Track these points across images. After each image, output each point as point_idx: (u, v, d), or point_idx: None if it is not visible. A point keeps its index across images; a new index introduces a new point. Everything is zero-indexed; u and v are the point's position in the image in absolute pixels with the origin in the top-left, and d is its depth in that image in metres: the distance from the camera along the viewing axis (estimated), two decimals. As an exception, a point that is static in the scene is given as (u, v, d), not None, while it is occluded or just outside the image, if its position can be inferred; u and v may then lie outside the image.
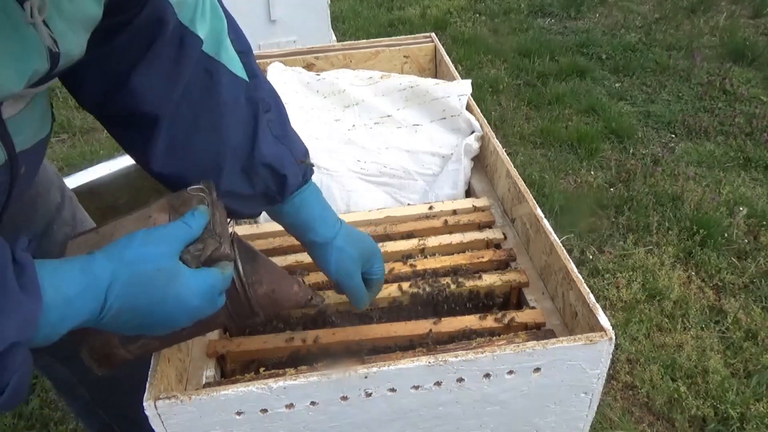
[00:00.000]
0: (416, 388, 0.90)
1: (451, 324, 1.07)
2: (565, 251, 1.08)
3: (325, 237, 0.99)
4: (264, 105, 0.92)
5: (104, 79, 0.83)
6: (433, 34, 1.98)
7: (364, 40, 1.98)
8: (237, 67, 0.89)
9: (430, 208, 1.36)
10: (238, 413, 0.88)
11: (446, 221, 1.32)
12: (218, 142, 0.89)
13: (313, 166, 1.01)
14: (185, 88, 0.85)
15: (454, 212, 1.35)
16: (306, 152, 0.99)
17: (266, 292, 0.86)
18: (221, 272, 0.76)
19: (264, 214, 1.04)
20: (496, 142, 1.42)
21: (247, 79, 0.90)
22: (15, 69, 0.65)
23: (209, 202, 0.81)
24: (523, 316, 1.08)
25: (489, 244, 1.27)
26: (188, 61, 0.84)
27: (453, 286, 1.15)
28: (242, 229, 1.35)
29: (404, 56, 1.92)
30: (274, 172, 0.93)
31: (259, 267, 0.86)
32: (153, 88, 0.83)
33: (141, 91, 0.82)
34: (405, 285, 1.16)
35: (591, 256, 2.52)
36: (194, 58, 0.85)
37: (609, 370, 1.24)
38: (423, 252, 1.26)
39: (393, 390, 0.90)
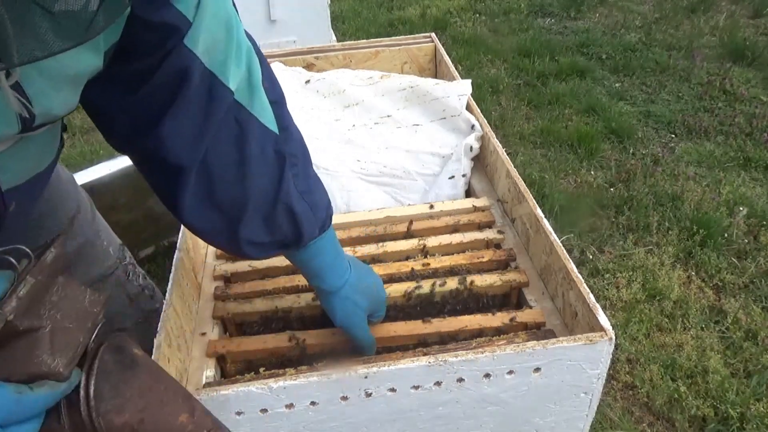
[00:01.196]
0: (416, 388, 0.90)
1: (451, 324, 1.07)
2: (565, 251, 1.08)
3: (334, 286, 0.99)
4: (292, 159, 0.89)
5: (132, 125, 0.79)
6: (433, 34, 1.98)
7: (364, 40, 1.98)
8: (268, 118, 0.86)
9: (431, 207, 1.36)
10: (238, 413, 0.88)
11: (446, 221, 1.32)
12: (242, 194, 0.86)
13: (331, 216, 0.99)
14: (213, 138, 0.81)
15: (454, 212, 1.35)
16: (328, 205, 0.97)
17: (128, 423, 0.64)
18: (16, 392, 0.56)
19: None
20: (496, 142, 1.42)
21: (277, 131, 0.87)
22: None
23: (29, 272, 0.59)
24: (523, 316, 1.08)
25: (489, 244, 1.27)
26: (217, 112, 0.79)
27: (453, 286, 1.15)
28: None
29: (404, 57, 1.92)
30: (294, 225, 0.91)
31: (128, 386, 0.65)
32: (180, 138, 0.79)
33: (168, 140, 0.78)
34: (405, 285, 1.16)
35: (591, 256, 2.52)
36: (224, 108, 0.80)
37: (609, 370, 1.24)
38: (423, 252, 1.26)
39: (393, 390, 0.90)
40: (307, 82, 1.69)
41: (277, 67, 1.75)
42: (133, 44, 0.70)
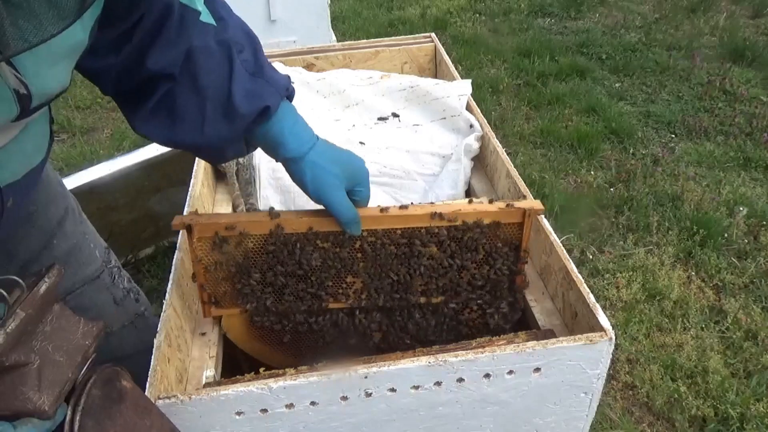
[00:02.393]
0: (416, 388, 0.90)
1: (450, 208, 1.05)
2: (565, 251, 1.08)
3: (298, 152, 0.95)
4: (236, 46, 0.91)
5: (119, 74, 0.87)
6: (433, 34, 1.98)
7: (364, 40, 1.98)
8: (205, 14, 0.89)
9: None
10: (238, 413, 0.88)
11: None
12: (198, 94, 0.89)
13: (292, 91, 0.98)
14: (183, 48, 0.87)
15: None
16: (286, 81, 0.97)
17: None
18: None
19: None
20: (496, 142, 1.42)
21: (214, 23, 0.90)
22: None
23: (20, 305, 0.58)
24: (520, 204, 1.05)
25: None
26: (188, 28, 0.87)
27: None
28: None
29: (404, 57, 1.92)
30: (252, 103, 0.90)
31: (113, 422, 0.64)
32: (162, 59, 0.86)
33: (152, 66, 0.85)
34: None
35: (591, 256, 2.52)
36: (192, 23, 0.87)
37: (609, 370, 1.24)
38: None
39: (393, 390, 0.90)
40: (308, 83, 1.69)
41: (277, 67, 1.75)
42: (113, 10, 0.76)
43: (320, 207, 1.00)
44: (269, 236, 1.02)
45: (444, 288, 1.09)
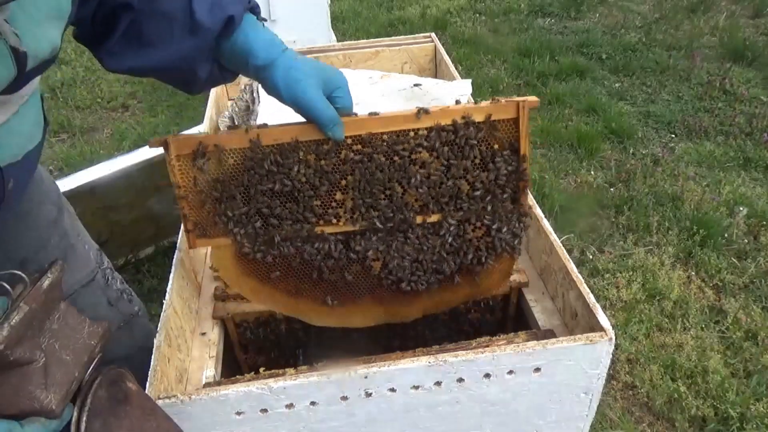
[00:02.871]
0: (416, 388, 0.90)
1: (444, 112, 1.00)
2: (565, 251, 1.08)
3: (268, 58, 0.92)
4: None
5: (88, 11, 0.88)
6: (433, 34, 1.98)
7: (364, 40, 1.98)
8: None
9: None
10: (238, 413, 0.88)
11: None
12: (161, 17, 0.88)
13: (257, 7, 0.96)
14: None
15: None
16: None
17: None
18: (6, 429, 0.55)
19: None
20: (496, 142, 1.42)
21: None
22: None
23: (23, 299, 0.57)
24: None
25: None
26: None
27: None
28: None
29: (404, 57, 1.92)
30: (215, 16, 0.89)
31: (120, 422, 0.64)
32: None
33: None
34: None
35: (591, 256, 2.52)
36: None
37: (609, 370, 1.24)
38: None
39: (393, 390, 0.90)
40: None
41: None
42: None
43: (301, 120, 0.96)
44: (249, 150, 0.96)
45: (442, 202, 1.01)
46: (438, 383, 0.90)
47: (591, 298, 0.97)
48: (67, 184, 2.07)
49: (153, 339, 1.39)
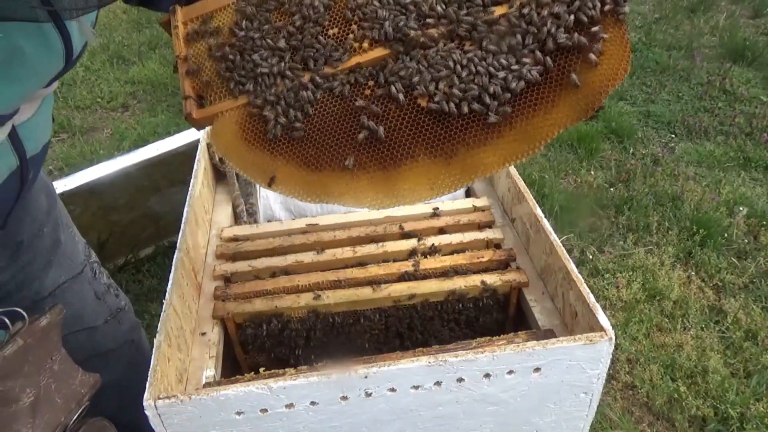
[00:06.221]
0: (416, 388, 0.90)
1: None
2: (565, 251, 1.08)
3: None
4: None
5: None
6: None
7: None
8: None
9: (431, 207, 1.36)
10: (238, 413, 0.88)
11: (446, 221, 1.32)
12: None
13: None
14: None
15: (454, 212, 1.35)
16: None
17: None
18: None
19: (265, 215, 1.04)
20: (496, 142, 1.42)
21: None
22: (37, 72, 0.67)
23: (20, 334, 0.58)
24: None
25: (489, 244, 1.27)
26: None
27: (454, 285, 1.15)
28: (242, 229, 1.35)
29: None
30: None
31: None
32: None
33: None
34: (406, 285, 1.16)
35: (591, 256, 2.52)
36: None
37: (609, 370, 1.24)
38: (423, 252, 1.26)
39: (393, 390, 0.90)
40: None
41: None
42: None
43: None
44: None
45: None
46: (438, 383, 0.90)
47: (591, 298, 0.97)
48: (67, 184, 2.07)
49: (139, 333, 1.40)
